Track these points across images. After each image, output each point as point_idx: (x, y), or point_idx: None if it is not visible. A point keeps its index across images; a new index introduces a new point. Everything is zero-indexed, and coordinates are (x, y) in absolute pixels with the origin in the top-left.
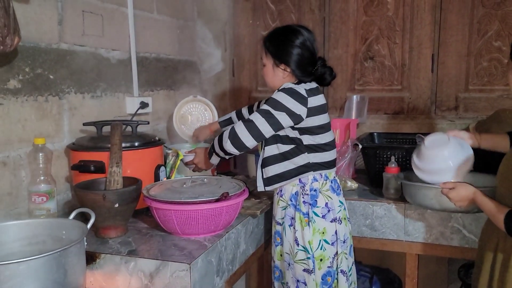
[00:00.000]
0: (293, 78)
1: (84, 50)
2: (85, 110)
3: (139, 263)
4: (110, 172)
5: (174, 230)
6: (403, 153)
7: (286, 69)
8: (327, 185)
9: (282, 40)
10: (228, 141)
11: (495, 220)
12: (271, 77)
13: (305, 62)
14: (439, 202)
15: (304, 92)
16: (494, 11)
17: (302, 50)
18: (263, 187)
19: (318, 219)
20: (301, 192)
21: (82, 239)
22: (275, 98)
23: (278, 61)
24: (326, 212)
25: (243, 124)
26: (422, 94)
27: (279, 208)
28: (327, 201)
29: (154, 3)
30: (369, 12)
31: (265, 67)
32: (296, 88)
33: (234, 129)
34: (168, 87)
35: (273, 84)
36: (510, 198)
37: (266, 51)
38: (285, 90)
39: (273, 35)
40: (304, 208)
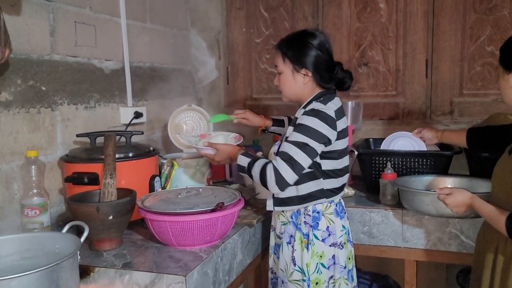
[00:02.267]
0: (313, 84)
1: (77, 61)
2: (78, 121)
3: (134, 276)
4: (104, 183)
5: (169, 241)
6: (399, 159)
7: (307, 74)
8: (331, 208)
9: (300, 43)
10: (273, 181)
11: (495, 224)
12: (289, 85)
13: (324, 65)
14: (436, 208)
15: (334, 114)
16: (486, 16)
17: (322, 53)
18: (272, 207)
19: (317, 242)
20: (303, 212)
21: (75, 253)
22: (308, 125)
23: (298, 66)
24: (327, 236)
25: (285, 163)
26: (417, 100)
27: (279, 222)
28: (328, 225)
29: (147, 12)
30: (362, 18)
31: (281, 75)
32: (327, 111)
33: (278, 171)
34: (163, 96)
35: (292, 92)
36: (508, 201)
37: (283, 57)
38: (316, 114)
39: (290, 39)
40: (305, 228)
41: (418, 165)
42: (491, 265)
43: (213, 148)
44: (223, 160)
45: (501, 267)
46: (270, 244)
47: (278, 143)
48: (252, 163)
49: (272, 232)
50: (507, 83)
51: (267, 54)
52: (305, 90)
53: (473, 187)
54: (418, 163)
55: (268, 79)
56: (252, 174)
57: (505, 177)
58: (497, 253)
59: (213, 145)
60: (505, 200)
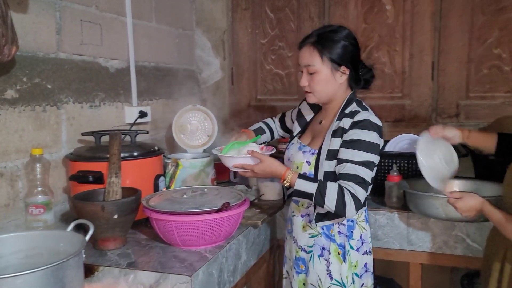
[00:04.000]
0: (346, 84)
1: (83, 59)
2: (83, 120)
3: (138, 276)
4: (109, 182)
5: (174, 241)
6: (405, 161)
7: (346, 72)
8: (363, 215)
9: (337, 39)
10: (353, 208)
11: (504, 230)
12: (325, 85)
13: (358, 61)
14: (445, 212)
15: (381, 122)
16: (494, 18)
17: (355, 48)
18: (315, 223)
19: (353, 252)
20: (337, 222)
21: (80, 252)
22: (368, 140)
23: (337, 64)
24: (360, 244)
25: (360, 187)
26: (423, 102)
27: (306, 234)
28: (361, 233)
29: (153, 12)
30: (368, 19)
31: (315, 74)
32: (377, 121)
33: (357, 197)
34: (167, 96)
35: (327, 93)
36: None
37: (321, 55)
38: (371, 126)
39: (326, 36)
40: (339, 239)
41: None
42: (498, 270)
43: (258, 157)
44: (262, 174)
45: (508, 274)
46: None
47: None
48: (322, 189)
49: (294, 244)
50: None
51: (273, 55)
52: (340, 90)
53: (479, 189)
54: None
55: (273, 80)
56: (325, 202)
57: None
58: (505, 260)
59: (258, 155)
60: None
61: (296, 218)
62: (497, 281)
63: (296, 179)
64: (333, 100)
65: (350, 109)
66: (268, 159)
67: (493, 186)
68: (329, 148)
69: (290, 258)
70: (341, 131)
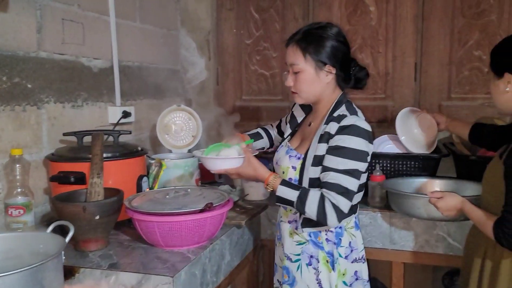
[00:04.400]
0: (333, 82)
1: (64, 58)
2: (65, 120)
3: (120, 277)
4: (91, 183)
5: (157, 242)
6: (387, 161)
7: (331, 71)
8: (352, 221)
9: (321, 36)
10: (335, 219)
11: (484, 228)
12: (309, 85)
13: (347, 61)
14: (427, 212)
15: (369, 127)
16: (474, 21)
17: (345, 47)
18: (301, 228)
19: (341, 260)
20: (324, 229)
21: (59, 253)
22: (353, 147)
23: (321, 63)
24: (349, 252)
25: (342, 197)
26: (406, 103)
27: (293, 242)
28: (350, 240)
29: (136, 12)
30: (352, 21)
31: (299, 74)
32: (365, 126)
33: (338, 207)
34: (152, 96)
35: (312, 93)
36: (497, 206)
37: (304, 54)
38: (357, 132)
39: (310, 34)
40: (328, 246)
41: (407, 168)
42: (479, 268)
43: (246, 158)
44: (247, 176)
45: (489, 271)
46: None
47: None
48: (303, 198)
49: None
50: (497, 88)
51: (258, 56)
52: (326, 90)
53: (459, 189)
54: (407, 165)
55: (258, 80)
56: (306, 211)
57: (495, 181)
58: (486, 257)
59: (247, 154)
60: (495, 204)
61: (283, 224)
62: (478, 278)
63: (278, 185)
64: (321, 100)
65: (339, 112)
66: (254, 162)
67: (474, 186)
68: (315, 154)
69: (280, 266)
70: (327, 136)
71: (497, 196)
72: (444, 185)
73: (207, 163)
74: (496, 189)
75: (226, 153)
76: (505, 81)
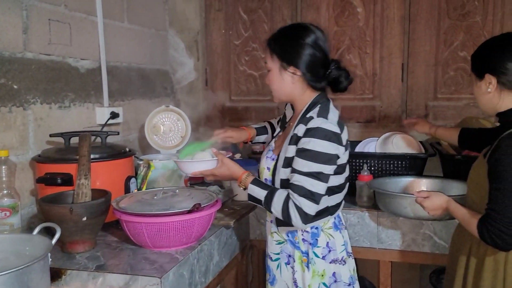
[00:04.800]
0: (303, 84)
1: (51, 59)
2: (52, 121)
3: (107, 279)
4: (78, 184)
5: (144, 243)
6: (375, 161)
7: (296, 73)
8: (330, 222)
9: (290, 39)
10: (299, 221)
11: (468, 227)
12: (277, 84)
13: (317, 64)
14: (413, 211)
15: (338, 129)
16: (459, 23)
17: (314, 50)
18: (276, 228)
19: (318, 260)
20: (300, 229)
21: (46, 255)
22: (317, 150)
23: (286, 64)
24: (327, 252)
25: (306, 199)
26: (393, 103)
27: (274, 241)
28: (328, 241)
29: (124, 12)
30: (340, 22)
31: (270, 72)
32: (331, 128)
33: (301, 208)
34: (140, 97)
35: (280, 92)
36: (482, 204)
37: (271, 53)
38: (322, 134)
39: (280, 34)
40: (304, 246)
41: (394, 167)
42: (464, 266)
43: (219, 160)
44: (221, 177)
45: (473, 268)
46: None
47: (272, 156)
48: (269, 197)
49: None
50: (480, 89)
51: (246, 56)
52: (295, 90)
53: (446, 188)
54: (394, 165)
55: (247, 81)
56: (272, 211)
57: (479, 180)
58: (470, 254)
59: (220, 156)
60: (479, 203)
61: (267, 223)
62: (463, 276)
63: (249, 183)
64: (295, 100)
65: (311, 113)
66: (228, 162)
67: (460, 185)
68: (286, 156)
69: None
70: (296, 138)
71: (481, 194)
72: (430, 184)
73: (182, 166)
74: (480, 188)
75: (200, 156)
76: (486, 82)
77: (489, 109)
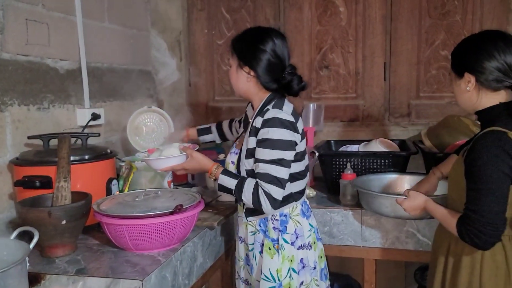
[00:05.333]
0: (257, 83)
1: (29, 60)
2: (30, 123)
3: (88, 282)
4: (57, 187)
5: (126, 245)
6: (358, 160)
7: (250, 73)
8: (297, 209)
9: (250, 42)
10: (269, 206)
11: (447, 226)
12: (234, 80)
13: (272, 68)
14: (394, 211)
15: (292, 118)
16: (440, 22)
17: (270, 56)
18: (245, 218)
19: (287, 246)
20: (271, 218)
21: (23, 260)
22: (276, 138)
23: (242, 63)
24: (295, 239)
25: (273, 185)
26: (376, 102)
27: (249, 233)
28: (296, 227)
29: (105, 12)
30: (323, 21)
31: (230, 68)
32: (286, 117)
33: (270, 194)
34: (122, 98)
35: (237, 87)
36: (461, 203)
37: (232, 52)
38: (278, 123)
39: (242, 36)
40: (274, 234)
41: (377, 165)
42: (443, 263)
43: (188, 154)
44: (193, 170)
45: (451, 266)
46: (240, 255)
47: (235, 151)
48: (240, 186)
49: (242, 244)
50: (459, 88)
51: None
52: (250, 88)
53: None
54: (377, 163)
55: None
56: (243, 198)
57: (458, 179)
58: (449, 253)
59: (189, 151)
60: (458, 200)
61: (240, 218)
62: (442, 273)
63: (219, 174)
64: (251, 98)
65: (267, 107)
66: (197, 155)
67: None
68: (247, 148)
69: (239, 259)
70: (255, 130)
71: (460, 193)
72: (413, 181)
73: (151, 163)
74: (459, 186)
75: (169, 152)
76: (466, 81)
77: (468, 107)
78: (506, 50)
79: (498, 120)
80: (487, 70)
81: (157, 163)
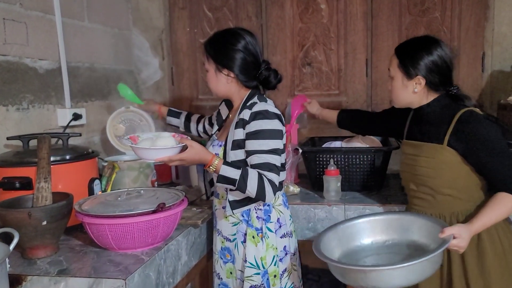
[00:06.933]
0: (237, 83)
1: (6, 59)
2: (9, 123)
3: (70, 283)
4: (38, 188)
5: (109, 245)
6: (341, 156)
7: (230, 74)
8: (280, 199)
9: (223, 44)
10: (272, 193)
11: (506, 214)
12: (214, 83)
13: (248, 66)
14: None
15: (278, 111)
16: (420, 18)
17: (245, 54)
18: (231, 211)
19: (271, 234)
20: (254, 208)
21: (3, 262)
22: (269, 129)
23: (220, 66)
24: (278, 227)
25: (274, 173)
26: (359, 98)
27: (229, 224)
28: (278, 217)
29: (85, 11)
30: (304, 19)
31: (208, 72)
32: (274, 110)
33: (274, 182)
34: (104, 98)
35: (218, 90)
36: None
37: (207, 56)
38: (269, 115)
39: (214, 39)
40: (258, 223)
41: (360, 161)
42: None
43: (188, 144)
44: (190, 161)
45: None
46: (216, 248)
47: (219, 143)
48: (245, 176)
49: (219, 236)
50: (405, 87)
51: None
52: (231, 89)
53: None
54: (359, 159)
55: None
56: (248, 189)
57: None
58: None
59: (188, 141)
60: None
61: (218, 211)
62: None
63: (221, 165)
64: (232, 97)
65: (252, 101)
66: (197, 146)
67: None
68: (233, 139)
69: (215, 252)
70: (242, 122)
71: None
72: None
73: (143, 153)
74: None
75: (163, 143)
76: (414, 83)
77: (405, 104)
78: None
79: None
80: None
81: (152, 153)
